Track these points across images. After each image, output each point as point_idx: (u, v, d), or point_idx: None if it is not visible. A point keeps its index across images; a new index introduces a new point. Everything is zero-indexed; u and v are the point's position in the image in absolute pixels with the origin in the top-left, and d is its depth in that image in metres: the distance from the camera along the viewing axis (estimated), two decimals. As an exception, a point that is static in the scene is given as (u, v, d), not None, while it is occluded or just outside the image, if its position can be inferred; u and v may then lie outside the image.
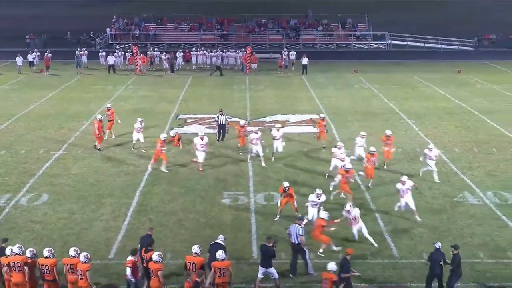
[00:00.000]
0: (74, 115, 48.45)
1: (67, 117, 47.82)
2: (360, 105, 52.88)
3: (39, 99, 54.48)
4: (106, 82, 63.73)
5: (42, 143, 40.70)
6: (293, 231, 23.69)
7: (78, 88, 60.35)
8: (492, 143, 40.82)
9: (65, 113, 49.23)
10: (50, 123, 46.20)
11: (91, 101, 53.60)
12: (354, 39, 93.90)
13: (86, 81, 64.42)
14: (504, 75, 69.68)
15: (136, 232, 27.02)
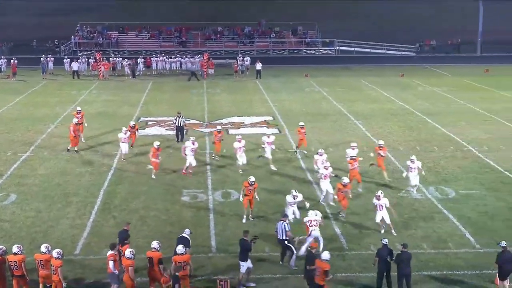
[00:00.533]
0: (40, 119, 47.90)
1: (33, 121, 47.25)
2: (311, 107, 53.05)
3: (7, 103, 53.75)
4: (71, 87, 63.10)
5: (9, 146, 40.14)
6: (279, 228, 23.63)
7: (44, 93, 59.69)
8: (433, 142, 41.24)
9: (31, 117, 48.65)
10: (17, 126, 45.60)
11: (56, 105, 53.03)
12: (305, 46, 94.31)
13: (51, 86, 63.73)
14: (444, 78, 70.48)
15: (101, 229, 26.84)
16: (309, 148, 38.90)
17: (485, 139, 41.94)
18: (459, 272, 23.09)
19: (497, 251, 22.34)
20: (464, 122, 47.20)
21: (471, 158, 37.56)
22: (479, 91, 61.29)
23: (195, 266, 22.18)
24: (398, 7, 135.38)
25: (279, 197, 29.79)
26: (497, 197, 30.80)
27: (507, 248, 21.70)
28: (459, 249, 24.97)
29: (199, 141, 40.83)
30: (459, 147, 40.08)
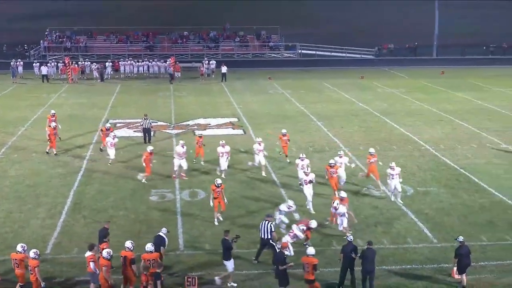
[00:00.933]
0: (10, 122, 47.38)
1: (4, 123, 46.72)
2: (274, 109, 53.15)
3: (-23, 107, 53.23)
4: (40, 90, 62.52)
5: (-20, 148, 39.75)
6: (263, 227, 23.52)
7: (14, 97, 59.05)
8: (392, 141, 41.56)
9: (2, 120, 48.07)
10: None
11: (26, 108, 52.50)
12: (268, 49, 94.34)
13: (21, 90, 63.09)
14: (401, 80, 71.04)
15: (71, 229, 26.65)
16: (273, 147, 38.98)
17: (441, 138, 42.37)
18: (418, 266, 23.31)
19: (453, 246, 22.63)
20: (421, 122, 47.64)
21: (428, 156, 37.92)
22: (435, 92, 61.88)
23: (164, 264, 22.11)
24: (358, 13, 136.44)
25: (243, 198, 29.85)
26: (453, 194, 31.13)
27: (464, 243, 21.96)
28: (417, 244, 25.22)
29: (165, 143, 40.86)
30: (417, 146, 40.43)
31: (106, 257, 20.37)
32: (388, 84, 66.82)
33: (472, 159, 37.29)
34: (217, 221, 27.23)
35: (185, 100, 57.41)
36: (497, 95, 60.35)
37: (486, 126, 46.16)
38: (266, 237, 23.37)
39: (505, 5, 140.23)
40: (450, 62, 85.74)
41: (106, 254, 20.41)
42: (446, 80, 69.54)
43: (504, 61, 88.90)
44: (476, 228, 26.78)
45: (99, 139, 40.58)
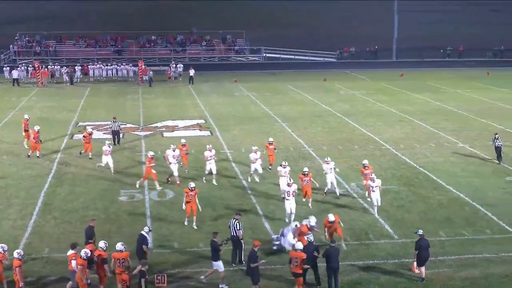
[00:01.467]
0: (-19, 125, 46.84)
1: (-26, 127, 46.20)
2: (240, 110, 53.15)
3: None
4: (11, 94, 61.80)
5: (-49, 151, 39.15)
6: (231, 225, 23.46)
7: (-16, 100, 58.40)
8: (354, 141, 41.77)
9: (-28, 123, 47.54)
10: (-41, 132, 44.49)
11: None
12: (234, 53, 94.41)
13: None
14: (362, 82, 71.49)
15: (42, 229, 26.37)
16: (239, 148, 39.03)
17: (401, 138, 42.68)
18: (380, 261, 23.45)
19: (413, 241, 22.78)
20: (382, 122, 47.94)
21: (388, 155, 38.17)
22: (395, 94, 62.36)
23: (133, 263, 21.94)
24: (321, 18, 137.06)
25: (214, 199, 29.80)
26: (413, 192, 31.35)
27: (424, 236, 22.15)
28: (379, 240, 25.38)
29: (134, 144, 40.64)
30: (378, 145, 40.69)
31: (82, 256, 20.17)
32: (349, 86, 67.17)
33: (431, 158, 37.62)
34: (187, 223, 26.76)
35: (154, 103, 57.16)
36: (454, 96, 61.00)
37: (444, 126, 46.62)
38: (235, 235, 23.29)
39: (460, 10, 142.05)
40: (409, 65, 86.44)
41: (83, 254, 20.21)
42: (405, 82, 70.10)
43: (460, 63, 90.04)
44: (434, 224, 27.02)
45: (76, 143, 40.42)
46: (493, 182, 32.97)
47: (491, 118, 49.28)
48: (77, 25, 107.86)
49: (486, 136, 42.32)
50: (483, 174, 34.20)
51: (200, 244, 24.70)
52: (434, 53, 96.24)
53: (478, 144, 40.76)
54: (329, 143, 41.29)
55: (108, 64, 75.27)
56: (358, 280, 21.89)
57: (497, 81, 70.73)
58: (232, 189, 31.68)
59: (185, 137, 41.51)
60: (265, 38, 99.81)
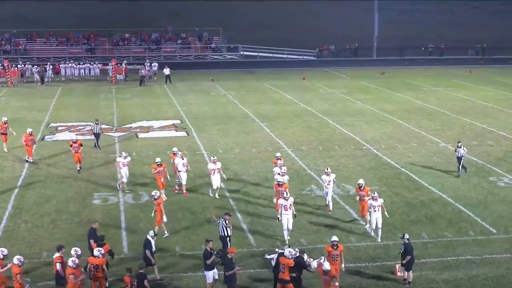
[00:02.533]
0: None
1: None
2: (218, 110, 53.09)
3: None
4: (-21, 94, 61.36)
5: None
6: (220, 225, 23.68)
7: (-49, 100, 57.86)
8: (334, 141, 41.87)
9: None
10: None
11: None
12: (210, 51, 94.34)
13: (-41, 94, 61.86)
14: (342, 81, 71.74)
15: (12, 234, 26.11)
16: (216, 149, 39.00)
17: (382, 138, 42.86)
18: (362, 264, 23.50)
19: (395, 243, 22.84)
20: (362, 122, 48.12)
21: (369, 156, 38.31)
22: (375, 93, 62.63)
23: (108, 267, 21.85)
24: (299, 15, 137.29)
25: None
26: (395, 192, 31.49)
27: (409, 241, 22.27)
28: (360, 243, 25.42)
29: (108, 145, 40.40)
30: (358, 146, 40.81)
31: (70, 265, 19.95)
32: (329, 85, 67.36)
33: (413, 158, 37.79)
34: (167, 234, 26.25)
35: (128, 103, 56.93)
36: (435, 94, 61.36)
37: (425, 125, 46.88)
38: (223, 235, 23.58)
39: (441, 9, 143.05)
40: (390, 63, 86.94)
41: (71, 263, 19.97)
42: (386, 81, 70.46)
43: (442, 61, 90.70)
44: (417, 226, 27.14)
45: (47, 144, 40.05)
46: (476, 182, 33.19)
47: (473, 116, 49.68)
48: (48, 23, 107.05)
49: (469, 135, 42.67)
50: (466, 174, 34.37)
51: (176, 247, 24.64)
52: (416, 52, 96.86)
53: (461, 144, 41.04)
54: (308, 143, 41.35)
55: (80, 63, 74.91)
56: (340, 284, 21.87)
57: (479, 79, 71.39)
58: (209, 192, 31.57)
59: (160, 138, 41.61)
60: (242, 36, 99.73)
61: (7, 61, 68.99)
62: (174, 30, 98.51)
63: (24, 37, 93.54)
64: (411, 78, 72.60)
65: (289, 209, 25.30)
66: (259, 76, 75.37)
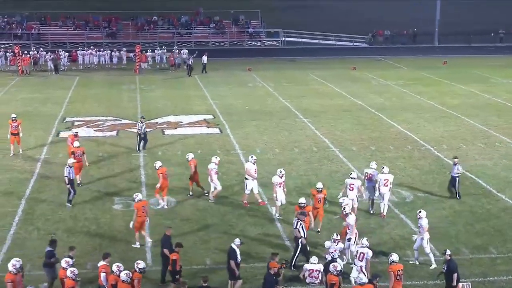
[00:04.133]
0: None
1: None
2: (255, 104, 53.17)
3: None
4: (-13, 84, 62.20)
5: None
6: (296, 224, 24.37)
7: (-44, 91, 58.75)
8: (388, 141, 41.66)
9: None
10: None
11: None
12: (247, 37, 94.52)
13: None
14: (398, 71, 71.40)
15: (23, 242, 26.42)
16: (253, 149, 39.04)
17: (444, 137, 42.56)
18: (419, 282, 23.29)
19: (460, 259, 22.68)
20: (421, 118, 47.84)
21: (429, 157, 38.06)
22: (436, 85, 62.24)
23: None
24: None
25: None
26: (458, 200, 31.20)
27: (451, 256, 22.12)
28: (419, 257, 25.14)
29: (130, 144, 40.62)
30: (416, 146, 40.58)
31: (125, 279, 20.19)
32: (383, 76, 67.06)
33: (479, 160, 37.49)
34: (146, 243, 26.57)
35: (153, 95, 57.27)
36: (506, 87, 60.79)
37: (494, 122, 46.46)
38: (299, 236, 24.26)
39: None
40: (454, 51, 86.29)
41: (125, 277, 20.20)
42: (449, 71, 69.96)
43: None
44: (483, 238, 26.88)
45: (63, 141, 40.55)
46: (553, 189, 32.85)
47: (552, 114, 49.21)
48: (64, 4, 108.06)
49: (545, 135, 42.25)
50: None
51: (206, 260, 24.72)
52: (483, 38, 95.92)
53: (535, 145, 40.68)
54: (359, 142, 41.21)
55: (100, 50, 75.40)
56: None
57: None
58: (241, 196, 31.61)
59: (190, 135, 41.78)
60: (284, 20, 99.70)
61: (17, 47, 69.68)
62: (206, 12, 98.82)
63: (37, 20, 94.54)
64: (478, 69, 71.98)
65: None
66: (302, 65, 75.28)
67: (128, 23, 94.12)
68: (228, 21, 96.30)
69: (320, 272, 22.26)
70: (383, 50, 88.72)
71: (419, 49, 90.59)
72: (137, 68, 69.11)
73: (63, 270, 20.65)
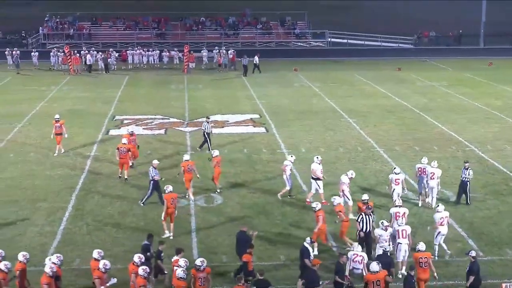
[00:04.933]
0: (6, 117, 47.59)
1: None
2: (301, 104, 53.11)
3: (-31, 101, 53.59)
4: (39, 82, 62.77)
5: (-28, 147, 39.99)
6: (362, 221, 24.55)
7: (10, 89, 59.43)
8: (433, 141, 41.36)
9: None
10: (-20, 125, 45.43)
11: (23, 102, 52.73)
12: (294, 37, 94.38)
13: (18, 82, 63.47)
14: (444, 72, 70.77)
15: (73, 237, 26.71)
16: (299, 148, 39.03)
17: (488, 138, 42.11)
18: (462, 281, 23.02)
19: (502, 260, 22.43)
20: (466, 119, 47.40)
21: (473, 158, 37.59)
22: (481, 86, 61.59)
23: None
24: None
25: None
26: (502, 201, 30.91)
27: (476, 258, 21.89)
28: (461, 257, 24.77)
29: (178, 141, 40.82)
30: (460, 146, 40.24)
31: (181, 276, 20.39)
32: (428, 77, 66.54)
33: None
34: (169, 235, 26.80)
35: (200, 94, 57.52)
36: (552, 89, 60.01)
37: (540, 124, 45.96)
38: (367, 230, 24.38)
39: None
40: (499, 53, 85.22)
41: (182, 273, 20.40)
42: (494, 73, 69.18)
43: None
44: (529, 239, 26.64)
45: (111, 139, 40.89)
46: None
47: None
48: (114, 5, 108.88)
49: None
50: None
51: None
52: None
53: None
54: (403, 143, 40.97)
55: (149, 50, 75.85)
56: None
57: None
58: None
59: (236, 134, 41.86)
60: (330, 21, 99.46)
61: (67, 47, 70.40)
62: (253, 13, 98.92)
63: (88, 20, 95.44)
64: (525, 70, 71.19)
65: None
66: (347, 66, 75.00)
67: (177, 24, 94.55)
68: (275, 22, 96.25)
69: (363, 258, 22.47)
70: (428, 51, 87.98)
71: (464, 51, 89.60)
72: (185, 68, 69.41)
73: (134, 266, 20.88)
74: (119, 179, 33.63)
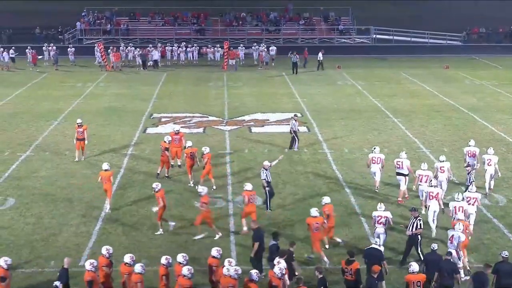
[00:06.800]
0: (42, 115, 48.04)
1: (34, 117, 47.41)
2: (344, 102, 52.96)
3: (5, 97, 54.08)
4: (75, 79, 63.20)
5: (7, 144, 40.32)
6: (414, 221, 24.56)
7: (46, 86, 59.94)
8: (482, 142, 40.78)
9: (32, 112, 48.84)
10: (16, 122, 45.83)
11: (60, 99, 53.24)
12: (337, 34, 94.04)
13: (55, 78, 64.01)
14: (493, 71, 70.15)
15: (108, 237, 26.86)
16: (341, 148, 38.91)
17: (540, 140, 41.75)
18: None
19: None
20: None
21: (524, 160, 37.39)
22: (534, 85, 61.02)
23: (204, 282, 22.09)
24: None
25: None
26: (554, 205, 30.61)
27: (507, 259, 21.83)
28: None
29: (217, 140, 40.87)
30: (511, 148, 39.85)
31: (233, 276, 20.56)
32: (477, 75, 66.01)
33: None
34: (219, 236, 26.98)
35: (241, 92, 57.59)
36: None
37: None
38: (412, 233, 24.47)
39: None
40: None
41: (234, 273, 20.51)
42: (547, 71, 68.58)
43: None
44: None
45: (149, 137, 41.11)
46: None
47: None
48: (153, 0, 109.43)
49: None
50: None
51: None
52: None
53: None
54: (451, 144, 40.67)
55: (188, 46, 76.08)
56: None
57: None
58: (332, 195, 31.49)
59: (277, 133, 41.85)
60: (375, 16, 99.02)
61: (100, 43, 70.80)
62: (295, 9, 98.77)
63: (126, 15, 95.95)
64: None
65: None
66: (393, 64, 74.66)
67: (217, 19, 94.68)
68: (318, 18, 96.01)
69: (387, 219, 24.22)
70: (478, 49, 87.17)
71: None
72: (225, 65, 69.55)
73: (179, 266, 20.95)
74: (157, 177, 33.76)
